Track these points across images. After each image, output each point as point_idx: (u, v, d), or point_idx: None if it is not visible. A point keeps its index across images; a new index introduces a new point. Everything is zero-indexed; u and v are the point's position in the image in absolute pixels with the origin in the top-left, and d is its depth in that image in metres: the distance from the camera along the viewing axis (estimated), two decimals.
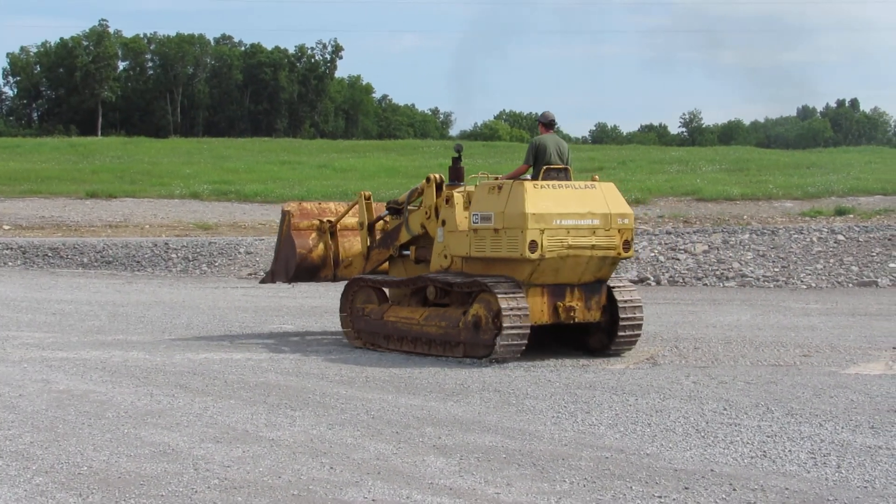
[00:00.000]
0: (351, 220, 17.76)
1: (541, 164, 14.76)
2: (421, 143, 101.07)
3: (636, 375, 13.20)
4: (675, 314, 20.51)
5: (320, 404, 11.38)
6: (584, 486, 8.11)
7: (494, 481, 8.23)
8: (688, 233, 32.04)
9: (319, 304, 22.77)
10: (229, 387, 12.46)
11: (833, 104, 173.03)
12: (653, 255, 29.84)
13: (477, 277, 14.41)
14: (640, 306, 15.05)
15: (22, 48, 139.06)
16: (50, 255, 34.96)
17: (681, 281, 27.70)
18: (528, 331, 14.10)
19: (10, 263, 34.45)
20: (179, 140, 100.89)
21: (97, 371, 13.61)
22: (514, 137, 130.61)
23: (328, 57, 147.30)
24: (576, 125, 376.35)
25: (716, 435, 9.80)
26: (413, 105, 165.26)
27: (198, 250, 34.35)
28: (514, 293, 14.02)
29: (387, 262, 16.93)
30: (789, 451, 9.17)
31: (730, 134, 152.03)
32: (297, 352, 15.54)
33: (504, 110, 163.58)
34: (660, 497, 7.82)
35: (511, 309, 13.88)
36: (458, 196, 15.23)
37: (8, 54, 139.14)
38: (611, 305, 14.87)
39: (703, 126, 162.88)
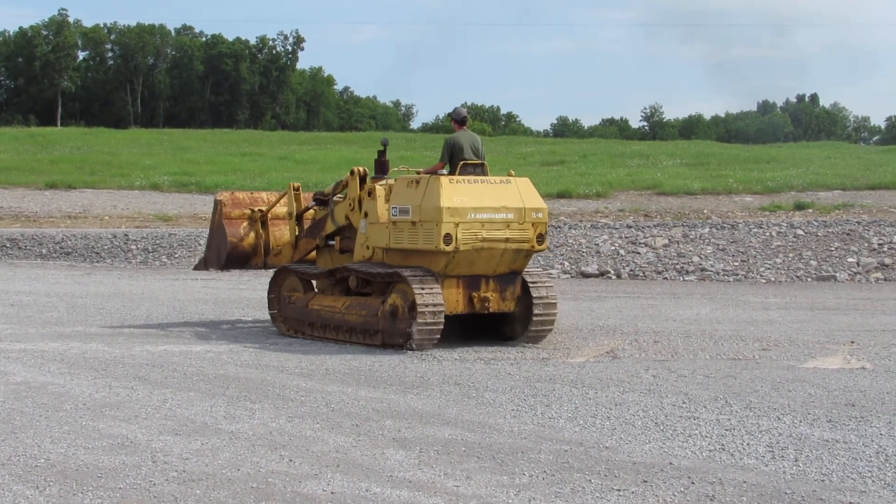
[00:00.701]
0: (282, 209, 18.08)
1: (457, 162, 15.23)
2: (382, 135, 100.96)
3: (596, 369, 13.24)
4: (635, 308, 20.58)
5: (280, 397, 11.35)
6: (544, 479, 8.12)
7: (454, 474, 8.23)
8: (648, 226, 32.19)
9: None
10: (188, 379, 12.41)
11: (793, 99, 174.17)
12: (613, 248, 29.94)
13: (395, 268, 14.90)
14: (555, 298, 15.52)
15: None
16: (8, 245, 34.70)
17: (641, 275, 27.79)
18: (443, 320, 14.54)
19: None
20: (140, 131, 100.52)
21: (55, 363, 13.52)
22: (475, 130, 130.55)
23: (290, 48, 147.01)
24: (537, 118, 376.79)
25: (675, 428, 9.84)
26: (375, 97, 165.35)
27: (158, 242, 34.20)
28: (429, 284, 14.49)
29: (314, 252, 17.32)
30: (747, 444, 9.21)
31: (690, 128, 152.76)
32: (257, 344, 15.50)
33: (466, 103, 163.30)
34: (619, 490, 7.84)
35: (426, 299, 14.33)
36: (380, 189, 15.68)
37: None
38: (526, 296, 15.30)
39: (665, 120, 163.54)
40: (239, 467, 8.41)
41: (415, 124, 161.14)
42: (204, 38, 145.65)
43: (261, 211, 18.03)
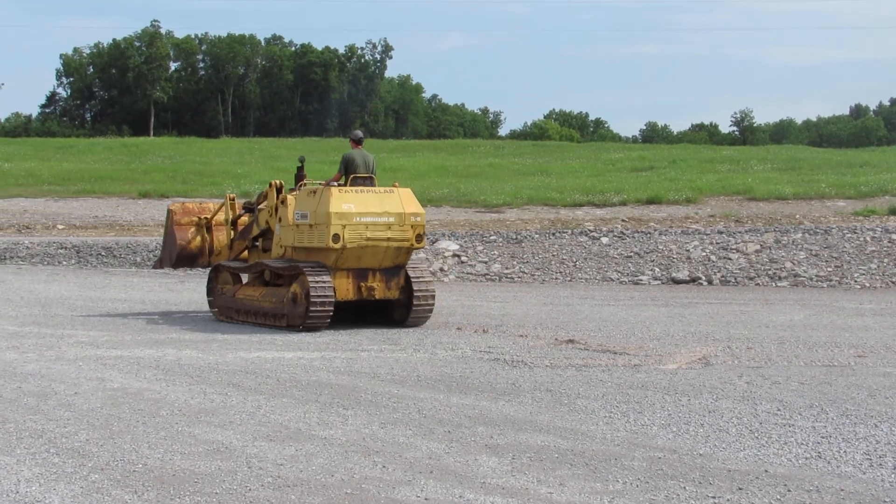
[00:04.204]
0: (223, 216, 21.14)
1: (350, 174, 18.13)
2: (470, 142, 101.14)
3: (689, 375, 13.14)
4: (727, 314, 20.40)
5: (372, 403, 11.40)
6: (637, 486, 8.09)
7: (547, 481, 8.22)
8: (740, 232, 31.86)
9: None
10: (281, 385, 12.51)
11: (886, 102, 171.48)
12: (704, 254, 29.69)
13: (297, 263, 17.86)
14: (433, 289, 18.44)
15: (75, 49, 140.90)
16: (103, 254, 35.25)
17: (733, 281, 27.54)
18: (332, 305, 17.44)
19: (64, 262, 34.79)
20: (231, 140, 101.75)
21: (151, 369, 13.70)
22: (563, 136, 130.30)
23: (378, 57, 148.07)
24: (626, 124, 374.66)
25: (770, 435, 9.74)
26: (463, 105, 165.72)
27: None
28: (322, 276, 17.43)
29: (247, 251, 20.45)
30: (844, 452, 9.10)
31: (781, 133, 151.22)
32: (349, 350, 15.58)
33: (554, 109, 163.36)
34: (713, 497, 7.79)
35: (318, 289, 17.26)
36: (290, 198, 18.60)
37: (61, 55, 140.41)
38: (408, 286, 18.20)
39: (755, 125, 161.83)
40: (333, 473, 8.47)
41: (503, 131, 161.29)
42: (293, 48, 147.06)
43: (206, 218, 21.23)
